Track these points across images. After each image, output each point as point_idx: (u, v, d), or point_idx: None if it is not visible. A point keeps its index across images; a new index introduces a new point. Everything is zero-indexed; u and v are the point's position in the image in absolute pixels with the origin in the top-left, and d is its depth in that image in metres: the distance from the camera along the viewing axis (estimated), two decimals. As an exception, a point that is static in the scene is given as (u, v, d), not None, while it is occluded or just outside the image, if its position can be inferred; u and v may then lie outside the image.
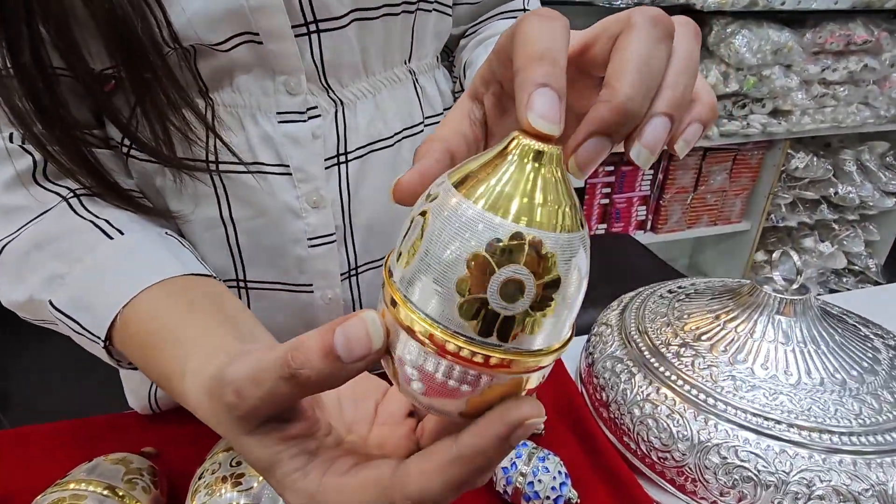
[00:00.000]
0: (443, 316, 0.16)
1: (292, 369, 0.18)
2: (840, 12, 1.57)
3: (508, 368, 0.17)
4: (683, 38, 0.18)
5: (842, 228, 1.94)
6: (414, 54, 0.40)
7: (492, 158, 0.17)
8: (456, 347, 0.16)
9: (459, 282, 0.16)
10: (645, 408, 0.39)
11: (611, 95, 0.17)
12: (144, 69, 0.29)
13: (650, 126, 0.17)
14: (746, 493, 0.34)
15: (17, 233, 0.32)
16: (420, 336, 0.17)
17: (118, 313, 0.29)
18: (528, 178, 0.16)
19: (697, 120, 0.19)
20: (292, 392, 0.18)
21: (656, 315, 0.46)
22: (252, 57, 0.33)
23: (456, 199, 0.16)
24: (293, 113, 0.35)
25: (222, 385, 0.20)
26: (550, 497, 0.36)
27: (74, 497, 0.31)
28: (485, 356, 0.16)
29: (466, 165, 0.17)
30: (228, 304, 0.30)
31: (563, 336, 0.18)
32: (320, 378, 0.18)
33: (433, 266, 0.16)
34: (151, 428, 0.45)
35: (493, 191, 0.16)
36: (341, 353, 0.17)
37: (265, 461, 0.20)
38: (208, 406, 0.22)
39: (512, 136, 0.17)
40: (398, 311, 0.17)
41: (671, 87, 0.18)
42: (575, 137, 0.17)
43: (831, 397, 0.36)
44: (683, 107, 0.18)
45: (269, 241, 0.37)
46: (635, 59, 0.17)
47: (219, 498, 0.31)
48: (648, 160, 0.18)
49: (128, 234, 0.32)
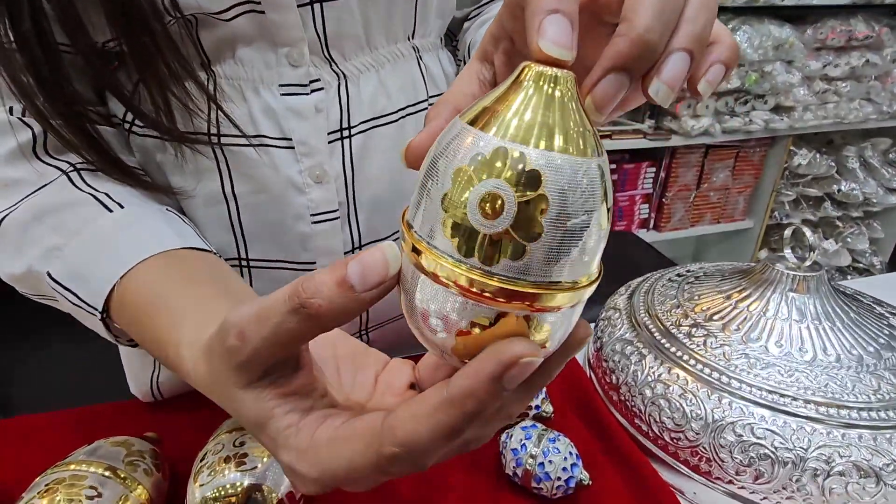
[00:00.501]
0: (451, 250, 0.16)
1: (302, 299, 0.17)
2: (841, 8, 1.57)
3: (509, 303, 0.16)
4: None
5: (846, 226, 1.93)
6: (417, 31, 0.39)
7: (504, 92, 0.16)
8: (464, 279, 0.16)
9: (443, 198, 0.15)
10: (657, 388, 0.38)
11: (628, 29, 0.16)
12: (145, 38, 0.29)
13: (670, 61, 0.17)
14: (763, 471, 0.33)
15: (17, 205, 0.32)
16: (436, 274, 0.16)
17: (115, 284, 0.29)
18: (538, 104, 0.16)
19: (719, 61, 0.19)
20: (300, 328, 0.18)
21: (665, 297, 0.46)
22: (254, 27, 0.32)
23: (467, 132, 0.16)
24: (295, 86, 0.34)
25: (225, 330, 0.19)
26: (562, 478, 0.35)
27: (74, 478, 0.30)
28: (477, 281, 0.15)
29: (479, 102, 0.17)
30: (226, 277, 0.29)
31: (575, 274, 0.16)
32: (331, 308, 0.17)
33: (445, 202, 0.16)
34: (153, 415, 0.44)
35: (501, 119, 0.15)
36: (355, 282, 0.17)
37: (259, 417, 0.20)
38: (204, 367, 0.21)
39: (523, 65, 0.16)
40: (420, 257, 0.17)
41: (691, 21, 0.17)
42: (592, 75, 0.17)
43: (848, 373, 0.35)
44: (703, 43, 0.18)
45: (271, 218, 0.37)
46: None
47: (222, 478, 0.30)
48: (668, 97, 0.17)
49: (127, 208, 0.32)
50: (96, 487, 0.30)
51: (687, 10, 0.17)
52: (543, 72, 0.16)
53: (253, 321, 0.18)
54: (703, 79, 0.19)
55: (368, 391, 0.24)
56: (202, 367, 0.22)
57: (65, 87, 0.31)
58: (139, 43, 0.29)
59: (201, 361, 0.22)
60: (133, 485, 0.32)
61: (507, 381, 0.16)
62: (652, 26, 0.16)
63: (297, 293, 0.17)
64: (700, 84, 0.19)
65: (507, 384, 0.16)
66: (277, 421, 0.19)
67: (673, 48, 0.17)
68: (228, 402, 0.21)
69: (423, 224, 0.17)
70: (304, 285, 0.17)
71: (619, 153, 1.68)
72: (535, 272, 0.16)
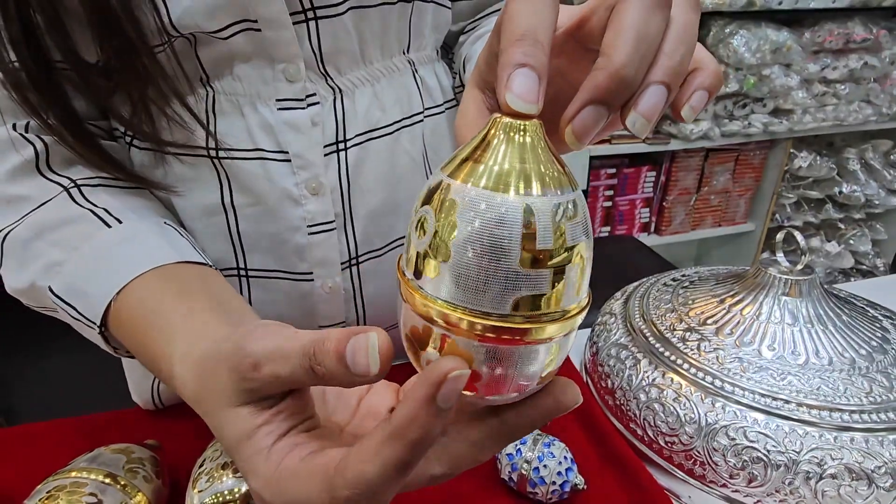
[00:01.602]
0: (450, 295, 0.17)
1: (312, 362, 0.19)
2: (838, 11, 1.58)
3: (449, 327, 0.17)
4: (682, 9, 0.19)
5: (848, 228, 1.93)
6: (412, 45, 0.40)
7: (477, 143, 0.17)
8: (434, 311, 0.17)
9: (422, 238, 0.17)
10: (651, 393, 0.39)
11: (606, 63, 0.17)
12: (131, 59, 0.30)
13: (647, 94, 0.17)
14: (756, 474, 0.33)
15: (19, 221, 0.32)
16: (435, 318, 0.17)
17: (112, 300, 0.29)
18: (509, 152, 0.17)
19: (703, 87, 0.20)
20: (307, 381, 0.19)
21: (660, 302, 0.46)
22: (251, 45, 0.33)
23: (450, 182, 0.17)
24: (292, 100, 0.35)
25: (241, 355, 0.20)
26: (556, 483, 0.35)
27: (75, 485, 0.31)
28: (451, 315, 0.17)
29: (456, 156, 0.18)
30: (218, 290, 0.30)
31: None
32: (333, 378, 0.18)
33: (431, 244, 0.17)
34: (154, 422, 0.45)
35: (478, 168, 0.17)
36: (349, 364, 0.18)
37: (241, 434, 0.20)
38: (194, 379, 0.22)
39: (493, 117, 0.17)
40: (415, 302, 0.18)
41: (668, 55, 0.18)
42: (571, 107, 0.17)
43: (840, 376, 0.35)
44: (681, 75, 0.18)
45: (268, 229, 0.38)
46: (631, 26, 0.17)
47: (219, 484, 0.31)
48: (645, 128, 0.18)
49: (125, 223, 0.32)
50: (96, 494, 0.31)
51: (665, 44, 0.18)
52: (512, 123, 0.17)
53: (269, 358, 0.20)
54: (687, 104, 0.19)
55: (349, 413, 0.25)
56: (192, 378, 0.23)
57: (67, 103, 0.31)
58: (125, 63, 0.30)
59: (191, 374, 0.23)
60: (133, 492, 0.32)
61: (441, 400, 0.16)
62: (628, 61, 0.17)
63: (310, 353, 0.19)
64: (684, 110, 0.19)
65: (443, 402, 0.17)
66: (256, 442, 0.20)
67: (650, 81, 0.17)
68: (216, 417, 0.21)
69: (414, 266, 0.18)
70: (318, 348, 0.19)
71: (619, 157, 1.68)
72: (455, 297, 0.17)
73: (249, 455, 0.20)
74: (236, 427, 0.20)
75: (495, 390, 0.18)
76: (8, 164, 0.33)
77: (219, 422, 0.21)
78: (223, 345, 0.22)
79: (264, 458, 0.20)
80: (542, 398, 0.19)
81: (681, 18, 0.18)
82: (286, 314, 0.40)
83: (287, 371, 0.19)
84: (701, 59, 0.20)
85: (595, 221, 1.75)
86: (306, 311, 0.41)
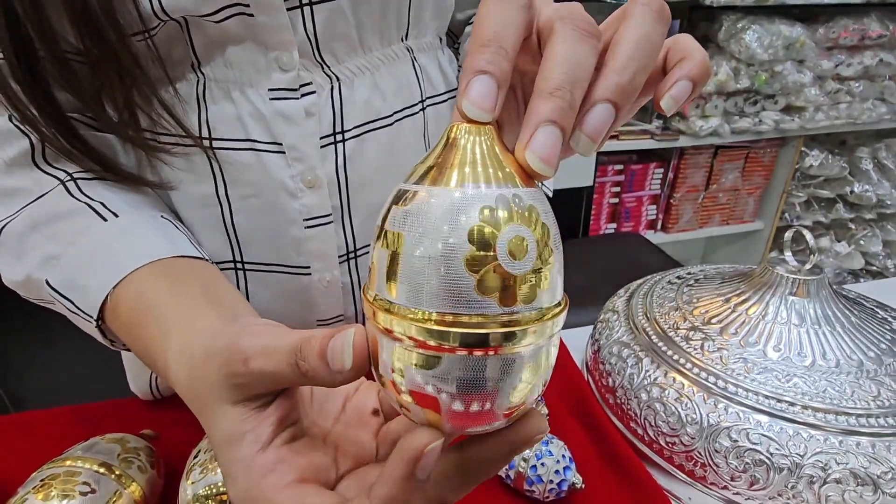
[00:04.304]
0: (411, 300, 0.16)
1: (297, 358, 0.19)
2: (854, 6, 1.55)
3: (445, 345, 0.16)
4: (638, 22, 0.18)
5: (859, 228, 1.90)
6: (411, 32, 0.39)
7: (437, 151, 0.18)
8: (411, 326, 0.16)
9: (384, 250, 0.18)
10: (652, 392, 0.38)
11: (538, 90, 0.17)
12: (106, 52, 0.29)
13: (592, 113, 0.17)
14: (759, 476, 0.32)
15: (15, 214, 0.32)
16: (388, 329, 0.17)
17: (108, 294, 0.29)
18: (464, 156, 0.17)
19: (687, 77, 0.19)
20: (293, 378, 0.20)
21: (664, 300, 0.45)
22: (243, 30, 0.32)
23: (401, 191, 0.17)
24: (285, 90, 0.34)
25: (232, 351, 0.20)
26: (554, 481, 0.35)
27: (69, 474, 0.31)
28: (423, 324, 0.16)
29: (415, 168, 0.18)
30: (214, 285, 0.30)
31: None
32: (316, 375, 0.19)
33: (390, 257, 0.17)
34: (152, 413, 0.45)
35: (441, 173, 0.17)
36: (329, 359, 0.18)
37: (227, 436, 0.21)
38: (187, 375, 0.23)
39: (451, 124, 0.18)
40: (377, 321, 0.17)
41: (617, 72, 0.18)
42: (522, 136, 0.17)
43: (847, 379, 0.34)
44: (630, 93, 0.18)
45: (264, 221, 0.37)
46: (560, 53, 0.17)
47: (213, 476, 0.31)
48: (589, 147, 0.18)
49: (122, 217, 0.32)
50: (90, 483, 0.30)
51: (614, 61, 0.18)
52: (469, 128, 0.17)
53: (259, 354, 0.20)
54: (668, 94, 0.19)
55: (334, 417, 0.25)
56: (185, 373, 0.23)
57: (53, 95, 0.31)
58: (97, 52, 0.29)
59: (184, 369, 0.23)
60: (127, 482, 0.32)
61: (420, 472, 0.17)
62: (560, 86, 0.17)
63: (297, 350, 0.19)
64: (664, 100, 0.19)
65: (421, 474, 0.17)
66: (239, 448, 0.20)
67: (596, 100, 0.17)
68: (207, 413, 0.21)
69: (376, 283, 0.17)
70: (304, 345, 0.19)
71: (627, 154, 1.67)
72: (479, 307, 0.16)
73: (232, 460, 0.20)
74: (224, 427, 0.21)
75: (472, 420, 0.17)
76: (4, 155, 0.32)
77: (209, 418, 0.21)
78: (217, 340, 0.22)
79: (245, 470, 0.20)
80: (507, 431, 0.18)
81: (635, 33, 0.18)
82: (284, 308, 0.40)
83: (272, 366, 0.19)
84: (687, 48, 0.20)
85: (601, 218, 1.73)
86: (304, 304, 0.40)
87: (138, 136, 0.33)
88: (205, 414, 0.22)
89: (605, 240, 1.49)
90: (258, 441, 0.20)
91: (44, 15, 0.28)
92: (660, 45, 0.18)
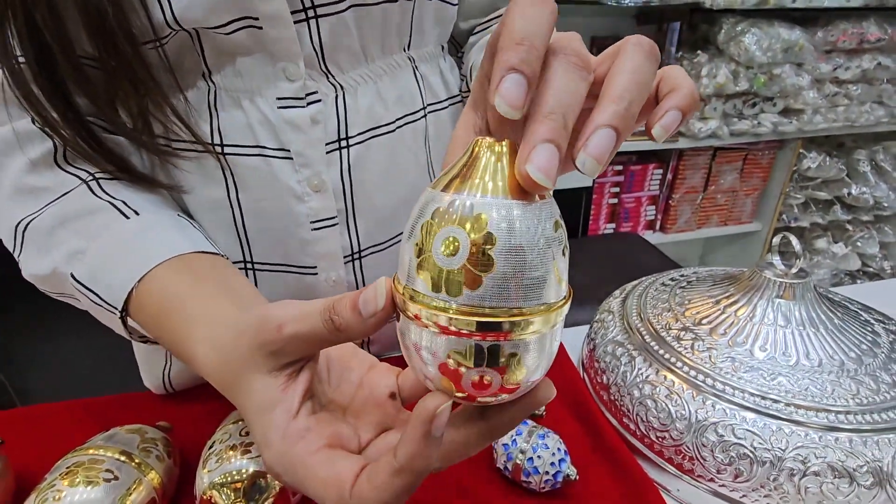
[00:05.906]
0: (426, 290, 0.19)
1: (332, 313, 0.21)
2: (853, 10, 1.56)
3: (479, 334, 0.19)
4: (631, 58, 0.20)
5: (856, 229, 1.92)
6: (413, 42, 0.40)
7: (463, 162, 0.20)
8: (439, 316, 0.19)
9: (418, 249, 0.19)
10: (644, 389, 0.40)
11: (534, 112, 0.19)
12: (119, 60, 0.31)
13: (596, 137, 0.19)
14: (742, 469, 0.34)
15: (41, 211, 0.34)
16: (417, 316, 0.19)
17: (133, 287, 0.31)
18: (487, 166, 0.19)
19: (676, 107, 0.21)
20: (327, 335, 0.22)
21: (657, 301, 0.47)
22: (252, 42, 0.34)
23: (434, 196, 0.19)
24: (292, 98, 0.36)
25: (266, 321, 0.22)
26: (549, 473, 0.36)
27: (93, 461, 0.32)
28: (450, 317, 0.19)
29: (447, 173, 0.20)
30: (231, 277, 0.32)
31: (538, 298, 0.19)
32: (348, 326, 0.21)
33: (419, 253, 0.19)
34: (165, 406, 0.46)
35: (464, 182, 0.19)
36: (360, 309, 0.21)
37: (261, 406, 0.23)
38: (219, 356, 0.25)
39: (475, 139, 0.19)
40: (406, 304, 0.20)
41: (616, 100, 0.19)
42: (521, 153, 0.19)
43: (829, 378, 0.36)
44: (629, 119, 0.20)
45: (273, 224, 0.39)
46: (555, 83, 0.19)
47: (228, 465, 0.32)
48: (595, 168, 0.19)
49: (143, 215, 0.34)
50: (112, 471, 0.32)
51: (613, 89, 0.19)
52: (492, 143, 0.19)
53: (291, 319, 0.22)
54: (658, 124, 0.21)
55: (350, 395, 0.27)
56: (214, 356, 0.25)
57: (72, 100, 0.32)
58: (113, 63, 0.31)
59: (214, 352, 0.25)
60: (147, 470, 0.34)
61: (435, 430, 0.20)
62: (553, 110, 0.18)
63: (330, 307, 0.22)
64: (654, 129, 0.21)
65: (436, 431, 0.20)
66: (273, 417, 0.22)
67: (599, 124, 0.19)
68: (240, 385, 0.23)
69: (406, 275, 0.20)
70: (336, 304, 0.22)
71: (626, 154, 1.68)
72: (492, 299, 0.18)
73: (267, 427, 0.23)
74: (258, 396, 0.23)
75: (485, 391, 0.20)
76: (29, 155, 0.34)
77: (242, 390, 0.23)
78: (245, 317, 0.24)
79: (280, 436, 0.22)
80: (523, 399, 0.21)
81: (629, 67, 0.20)
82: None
83: (308, 328, 0.22)
84: (676, 80, 0.22)
85: (600, 218, 1.75)
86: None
87: (151, 141, 0.35)
88: (237, 387, 0.24)
89: (603, 240, 1.50)
90: (290, 410, 0.23)
91: (61, 23, 0.30)
92: (651, 78, 0.20)
